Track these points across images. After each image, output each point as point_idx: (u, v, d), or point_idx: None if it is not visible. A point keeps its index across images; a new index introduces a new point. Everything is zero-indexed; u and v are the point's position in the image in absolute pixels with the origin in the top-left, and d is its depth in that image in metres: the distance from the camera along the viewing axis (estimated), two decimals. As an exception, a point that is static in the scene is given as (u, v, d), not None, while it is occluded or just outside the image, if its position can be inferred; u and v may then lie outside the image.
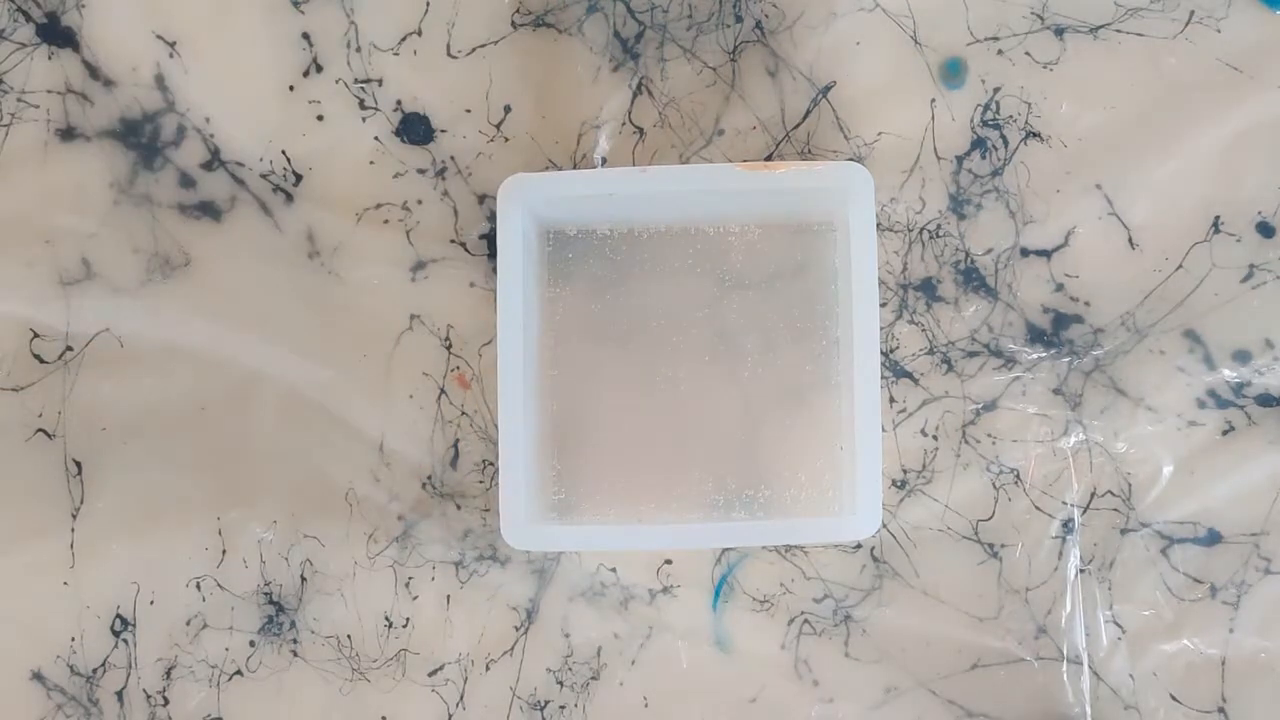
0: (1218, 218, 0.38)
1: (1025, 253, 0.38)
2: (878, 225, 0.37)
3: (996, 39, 0.38)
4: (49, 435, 0.39)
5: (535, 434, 0.36)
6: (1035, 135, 0.38)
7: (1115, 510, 0.38)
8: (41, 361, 0.39)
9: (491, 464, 0.39)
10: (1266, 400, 0.38)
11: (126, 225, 0.39)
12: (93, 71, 0.39)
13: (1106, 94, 0.38)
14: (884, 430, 0.38)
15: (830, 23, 0.39)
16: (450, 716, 0.39)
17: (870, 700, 0.38)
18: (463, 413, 0.39)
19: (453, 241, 0.39)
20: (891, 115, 0.38)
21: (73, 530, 0.39)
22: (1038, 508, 0.38)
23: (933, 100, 0.38)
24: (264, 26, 0.39)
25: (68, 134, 0.39)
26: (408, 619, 0.39)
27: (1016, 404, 0.38)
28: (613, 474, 0.38)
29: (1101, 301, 0.38)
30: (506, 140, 0.39)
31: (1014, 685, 0.38)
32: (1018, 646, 0.38)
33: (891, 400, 0.38)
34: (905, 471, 0.38)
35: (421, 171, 0.39)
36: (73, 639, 0.39)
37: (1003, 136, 0.38)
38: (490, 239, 0.39)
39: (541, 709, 0.39)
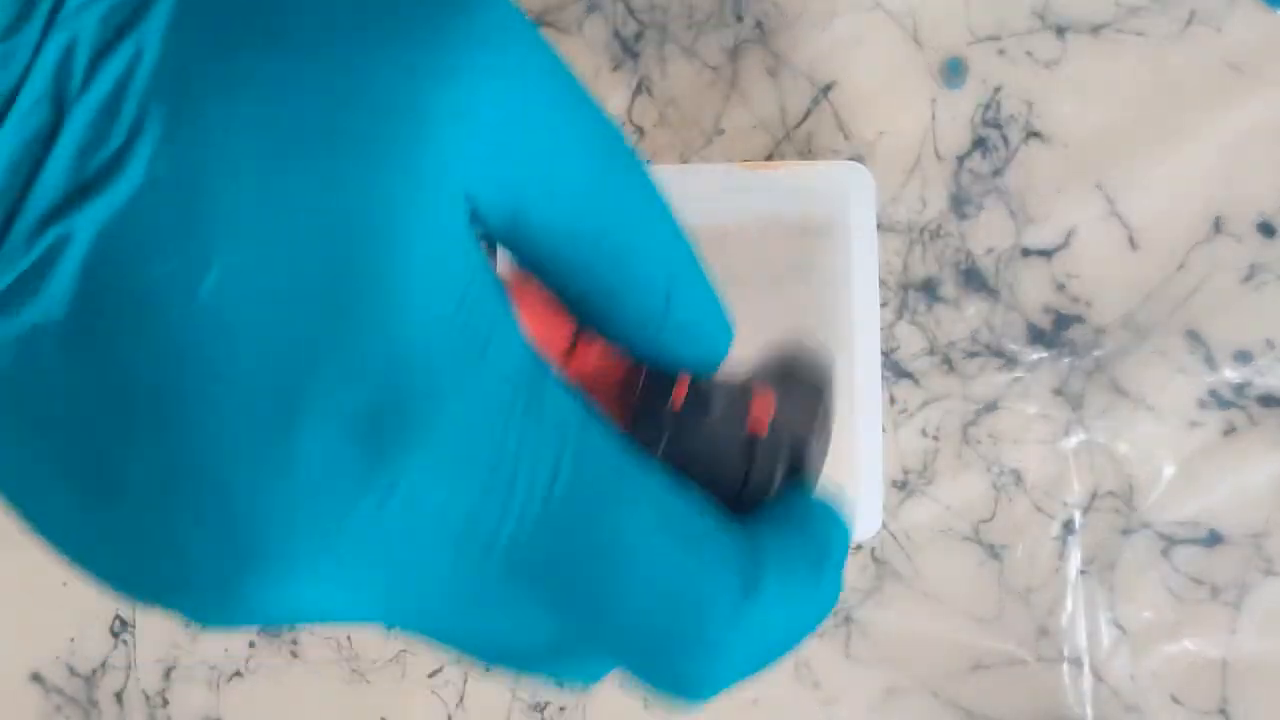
0: (1218, 218, 0.38)
1: (1026, 253, 0.38)
2: (878, 225, 0.37)
3: (997, 39, 0.38)
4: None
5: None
6: (1036, 135, 0.38)
7: (1116, 511, 0.38)
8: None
9: (491, 464, 0.39)
10: (1268, 401, 0.38)
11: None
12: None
13: (1107, 94, 0.38)
14: (884, 430, 0.38)
15: (830, 22, 0.39)
16: (450, 717, 0.39)
17: (871, 701, 0.38)
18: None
19: (452, 242, 0.39)
20: (891, 115, 0.38)
21: (72, 531, 0.39)
22: (1038, 508, 0.38)
23: (933, 100, 0.38)
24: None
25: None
26: (407, 620, 0.39)
27: (1017, 404, 0.38)
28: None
29: (1102, 302, 0.38)
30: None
31: (1015, 686, 0.38)
32: (1018, 648, 0.38)
33: (892, 400, 0.38)
34: (905, 472, 0.38)
35: (421, 172, 0.39)
36: (72, 639, 0.39)
37: (1003, 136, 0.38)
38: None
39: (541, 710, 0.39)
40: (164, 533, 0.14)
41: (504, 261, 0.17)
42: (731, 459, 0.18)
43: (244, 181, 0.14)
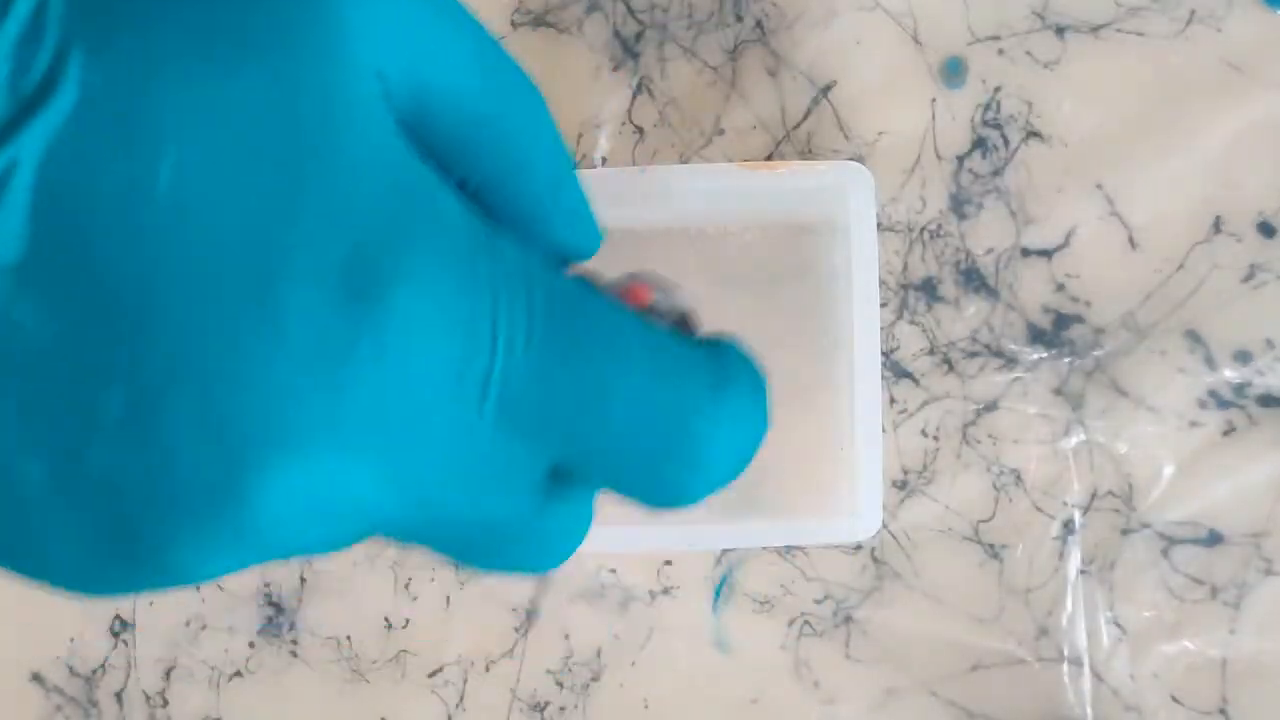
0: (1218, 218, 0.38)
1: (1026, 253, 0.38)
2: (878, 225, 0.37)
3: (997, 38, 0.38)
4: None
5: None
6: (1036, 135, 0.38)
7: (1116, 511, 0.38)
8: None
9: (491, 464, 0.39)
10: (1268, 401, 0.38)
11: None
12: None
13: (1107, 94, 0.38)
14: (884, 430, 0.38)
15: (830, 22, 0.39)
16: (450, 717, 0.39)
17: (871, 701, 0.38)
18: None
19: (452, 242, 0.39)
20: (891, 115, 0.38)
21: (72, 531, 0.39)
22: (1038, 508, 0.38)
23: (933, 100, 0.38)
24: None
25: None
26: (407, 619, 0.39)
27: (1017, 404, 0.38)
28: (612, 474, 0.38)
29: (1102, 301, 0.38)
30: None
31: (1015, 686, 0.38)
32: (1018, 647, 0.38)
33: (892, 400, 0.38)
34: (905, 472, 0.38)
35: (421, 172, 0.39)
36: (72, 640, 0.39)
37: (1003, 136, 0.38)
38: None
39: (541, 710, 0.39)
40: (153, 451, 0.14)
41: None
42: None
43: (175, 79, 0.14)
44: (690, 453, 0.17)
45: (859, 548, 0.39)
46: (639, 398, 0.17)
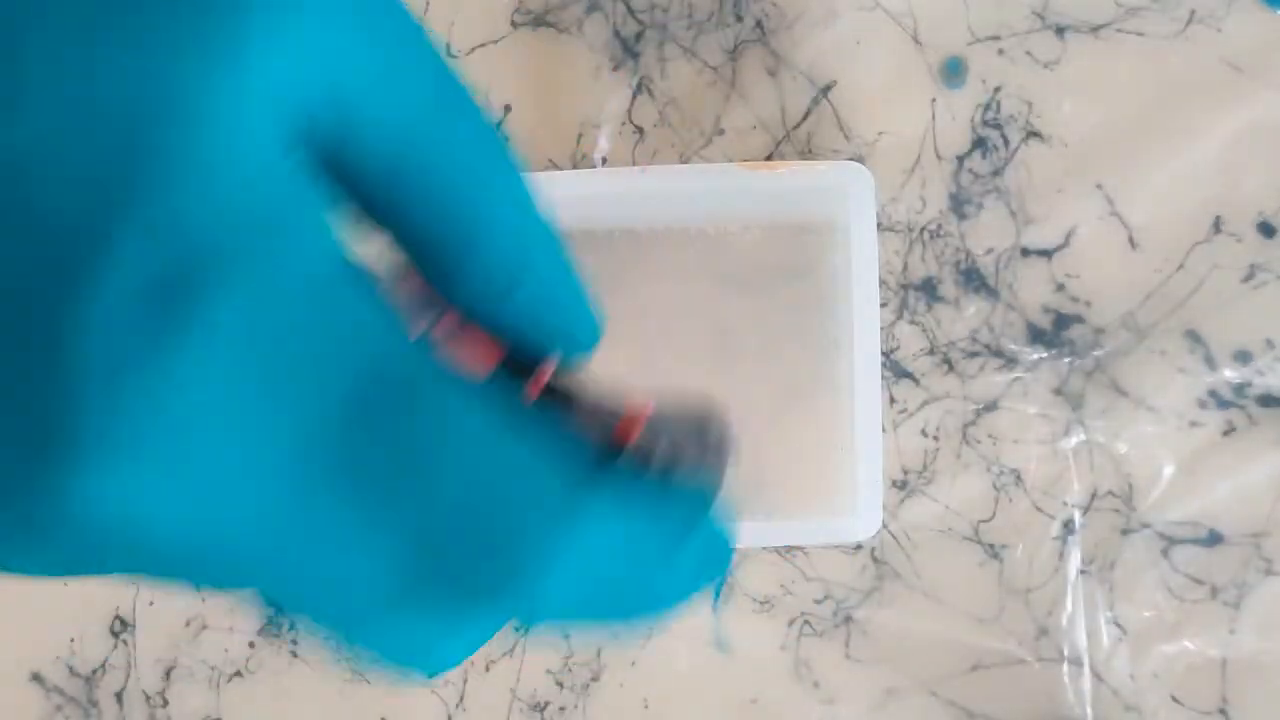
0: (1218, 218, 0.38)
1: (1026, 253, 0.38)
2: (878, 225, 0.37)
3: (997, 38, 0.38)
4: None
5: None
6: (1036, 135, 0.38)
7: (1116, 511, 0.38)
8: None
9: (491, 464, 0.39)
10: (1267, 401, 0.38)
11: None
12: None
13: (1107, 94, 0.38)
14: (884, 430, 0.38)
15: (830, 22, 0.39)
16: (450, 717, 0.39)
17: (871, 701, 0.38)
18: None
19: (452, 242, 0.39)
20: (891, 115, 0.38)
21: (72, 531, 0.39)
22: (1038, 508, 0.38)
23: (933, 100, 0.38)
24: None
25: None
26: (407, 620, 0.39)
27: (1017, 404, 0.38)
28: (613, 474, 0.38)
29: (1102, 301, 0.38)
30: (507, 140, 0.39)
31: (1015, 686, 0.38)
32: (1018, 647, 0.38)
33: (892, 400, 0.38)
34: (905, 472, 0.38)
35: (421, 172, 0.39)
36: (72, 640, 0.39)
37: (1003, 136, 0.38)
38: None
39: (541, 710, 0.39)
40: None
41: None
42: None
43: (41, 43, 0.14)
44: (525, 553, 0.15)
45: (859, 548, 0.39)
46: (469, 482, 0.15)
